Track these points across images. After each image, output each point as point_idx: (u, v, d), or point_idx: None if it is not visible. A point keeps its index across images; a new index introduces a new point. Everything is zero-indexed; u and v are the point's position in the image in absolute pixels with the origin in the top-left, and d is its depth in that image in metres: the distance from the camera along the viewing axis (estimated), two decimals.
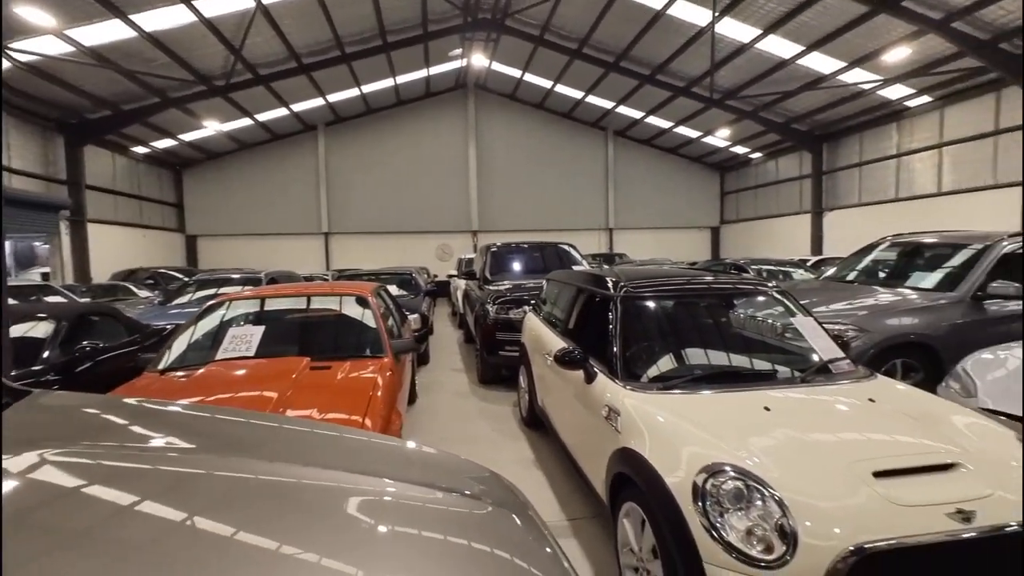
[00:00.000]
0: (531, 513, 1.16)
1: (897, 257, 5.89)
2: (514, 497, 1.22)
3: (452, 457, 1.48)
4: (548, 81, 18.76)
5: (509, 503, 1.14)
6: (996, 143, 12.14)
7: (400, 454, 1.49)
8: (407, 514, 0.99)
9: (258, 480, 1.06)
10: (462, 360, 7.75)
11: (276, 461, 1.17)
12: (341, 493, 1.01)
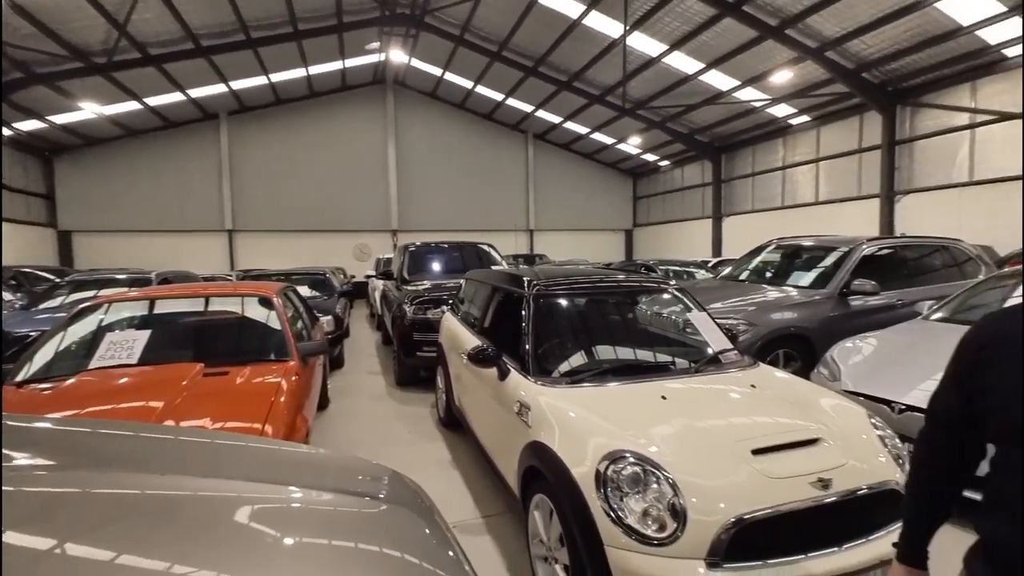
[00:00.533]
0: (430, 510, 1.16)
1: (781, 258, 6.55)
2: (413, 495, 1.21)
3: (352, 459, 1.43)
4: (469, 81, 18.77)
5: (408, 501, 1.13)
6: (860, 160, 13.91)
7: (298, 460, 1.43)
8: (294, 518, 0.95)
9: (145, 496, 0.98)
10: (379, 363, 7.54)
11: (167, 474, 1.10)
12: (231, 503, 0.97)
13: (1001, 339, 0.99)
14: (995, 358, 0.99)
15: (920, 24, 10.33)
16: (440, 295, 5.89)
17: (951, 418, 1.09)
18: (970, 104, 11.37)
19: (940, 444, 1.13)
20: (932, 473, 1.15)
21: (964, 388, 1.05)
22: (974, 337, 1.05)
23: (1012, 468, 0.94)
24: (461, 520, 2.99)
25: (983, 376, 1.00)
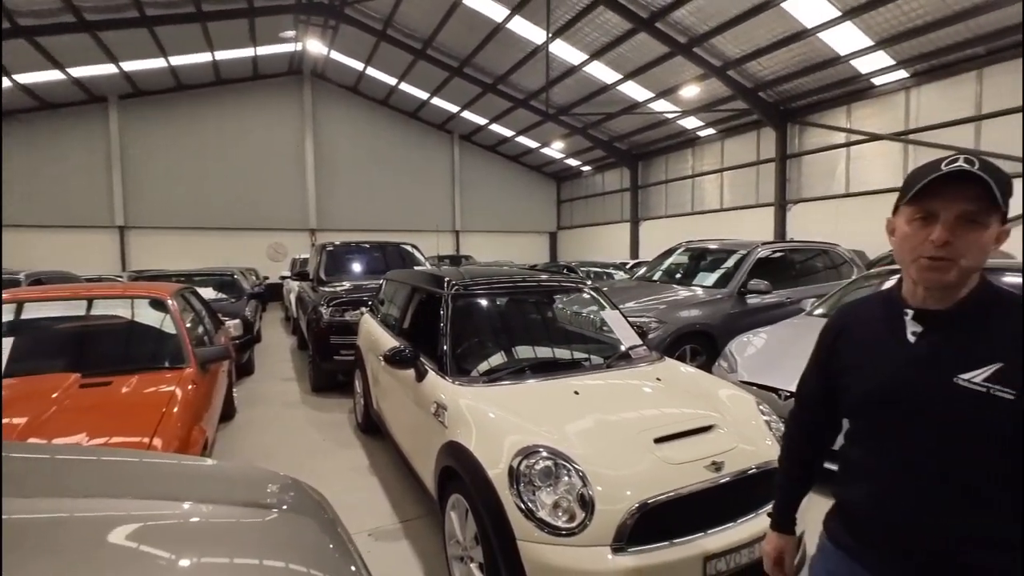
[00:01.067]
0: (331, 518, 1.12)
1: (689, 260, 7.02)
2: (312, 503, 1.16)
3: (246, 469, 1.35)
4: (392, 78, 18.34)
5: (305, 509, 1.08)
6: (758, 171, 15.24)
7: (187, 473, 1.31)
8: (176, 534, 0.88)
9: (15, 521, 0.86)
10: (294, 368, 7.14)
11: (35, 496, 0.98)
12: (112, 523, 0.88)
13: (851, 326, 1.12)
14: (846, 343, 1.11)
15: (806, 52, 11.51)
16: (360, 296, 5.69)
17: (814, 398, 1.21)
18: (846, 125, 12.85)
19: (805, 422, 1.25)
20: (798, 448, 1.27)
21: (824, 371, 1.16)
22: (831, 326, 1.18)
23: (858, 438, 1.07)
24: (378, 526, 2.91)
25: (838, 359, 1.12)
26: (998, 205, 0.89)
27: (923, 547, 0.95)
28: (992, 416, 0.88)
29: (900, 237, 0.98)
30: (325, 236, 18.02)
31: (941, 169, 0.89)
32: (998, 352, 0.90)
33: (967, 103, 10.70)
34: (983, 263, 0.93)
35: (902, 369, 0.98)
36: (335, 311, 5.55)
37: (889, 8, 9.67)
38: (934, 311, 0.97)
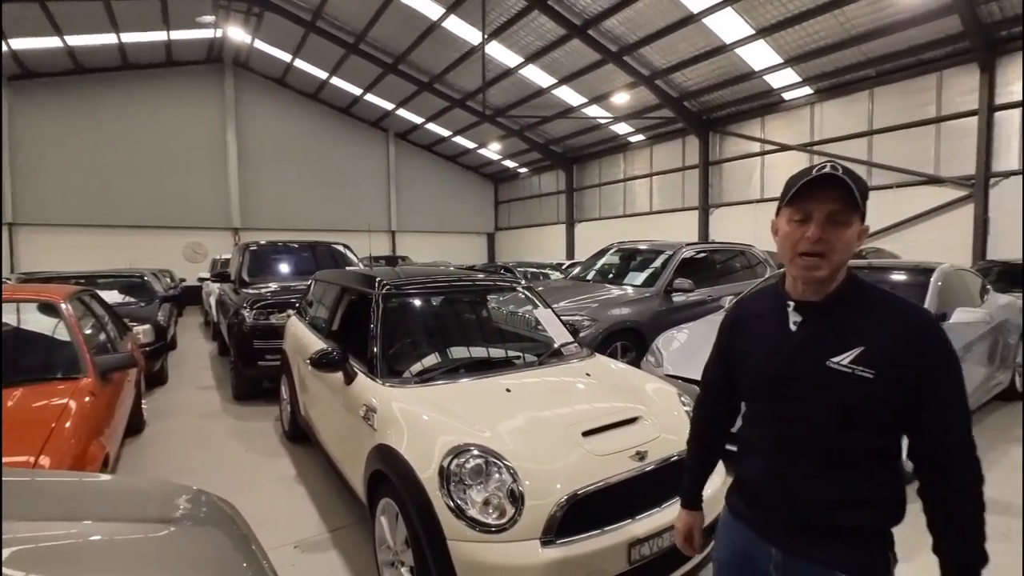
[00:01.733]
0: (239, 528, 1.05)
1: (620, 260, 7.28)
2: (220, 514, 1.09)
3: (151, 482, 1.25)
4: (323, 72, 17.65)
5: (212, 521, 1.01)
6: (683, 176, 16.09)
7: (85, 489, 1.19)
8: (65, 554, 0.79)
9: None
10: (214, 376, 6.69)
11: None
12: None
13: (745, 318, 1.24)
14: (741, 333, 1.23)
15: (725, 66, 12.31)
16: (287, 299, 5.42)
17: (716, 385, 1.32)
18: (760, 135, 13.86)
19: (709, 407, 1.36)
20: (703, 431, 1.38)
21: (723, 360, 1.28)
22: (728, 318, 1.30)
23: (752, 419, 1.20)
24: (305, 538, 2.78)
25: (734, 348, 1.24)
26: (858, 206, 1.02)
27: (801, 509, 1.07)
28: (856, 393, 1.00)
29: (782, 236, 1.09)
30: (250, 236, 16.99)
31: (813, 174, 1.02)
32: (861, 337, 1.02)
33: (861, 119, 11.88)
34: (849, 257, 1.05)
35: (786, 354, 1.09)
36: (259, 314, 5.25)
37: (796, 29, 10.54)
38: (811, 302, 1.08)
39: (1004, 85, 9.81)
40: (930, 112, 10.78)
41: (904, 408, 1.00)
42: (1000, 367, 4.61)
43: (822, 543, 1.05)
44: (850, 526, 1.04)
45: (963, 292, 4.49)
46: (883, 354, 1.00)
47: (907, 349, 0.99)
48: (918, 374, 0.99)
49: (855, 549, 1.04)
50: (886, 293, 1.09)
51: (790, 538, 1.09)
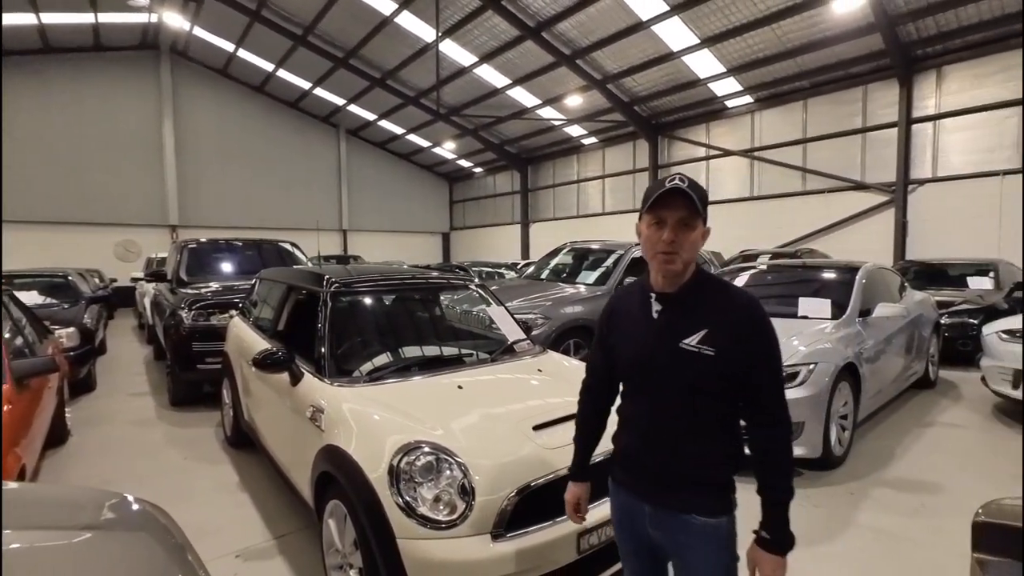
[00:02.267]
0: (175, 538, 1.00)
1: (573, 260, 7.40)
2: (150, 519, 1.03)
3: (76, 490, 1.17)
4: (269, 64, 16.95)
5: (141, 526, 0.96)
6: (634, 179, 16.55)
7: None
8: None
9: None
10: (149, 382, 6.30)
11: None
12: None
13: (619, 308, 1.42)
14: (616, 322, 1.40)
15: (672, 73, 12.76)
16: (230, 299, 5.18)
17: (598, 368, 1.49)
18: (706, 141, 14.46)
19: (593, 388, 1.53)
20: (589, 410, 1.55)
21: (603, 346, 1.44)
22: (606, 309, 1.47)
23: (626, 396, 1.39)
24: (249, 545, 2.67)
25: (611, 335, 1.41)
26: (699, 213, 1.21)
27: (667, 467, 1.28)
28: (702, 369, 1.21)
29: (644, 238, 1.27)
30: (190, 234, 16.11)
31: (665, 186, 1.20)
32: (706, 321, 1.23)
33: (796, 127, 12.61)
34: (696, 254, 1.26)
35: (649, 339, 1.29)
36: (198, 315, 4.99)
37: (737, 40, 11.07)
38: (668, 293, 1.28)
39: (920, 100, 10.68)
40: (857, 123, 11.59)
41: (739, 379, 1.21)
42: (916, 358, 5.02)
43: (681, 494, 1.26)
44: (704, 477, 1.26)
45: (884, 289, 4.86)
46: (722, 334, 1.20)
47: (740, 330, 1.21)
48: (748, 350, 1.21)
49: (707, 496, 1.26)
50: (725, 283, 1.32)
51: (659, 494, 1.29)
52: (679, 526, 1.27)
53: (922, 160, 10.72)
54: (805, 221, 12.41)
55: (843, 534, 2.71)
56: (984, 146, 9.98)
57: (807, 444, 3.34)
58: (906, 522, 2.81)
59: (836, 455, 3.54)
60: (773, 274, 5.35)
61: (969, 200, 10.10)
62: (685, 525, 1.26)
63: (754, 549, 1.24)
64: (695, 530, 1.25)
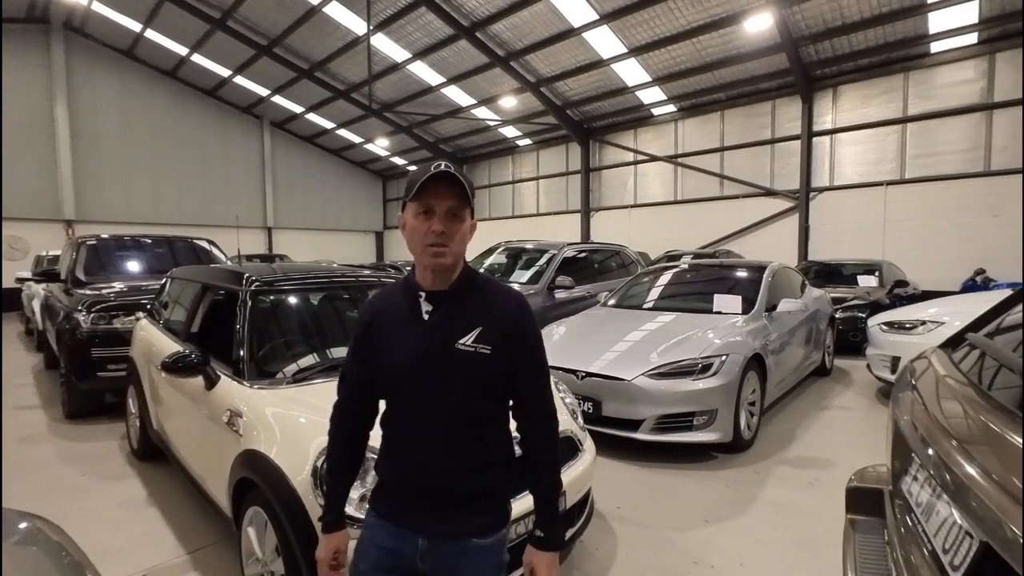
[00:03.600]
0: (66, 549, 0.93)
1: (507, 259, 7.50)
2: (41, 536, 0.95)
3: None
4: (182, 47, 15.74)
5: (31, 542, 0.88)
6: (567, 181, 16.99)
7: None
8: None
9: None
10: (39, 394, 5.67)
11: None
12: None
13: (380, 316, 1.24)
14: (377, 330, 1.23)
15: (602, 79, 13.23)
16: (136, 299, 4.78)
17: (356, 387, 1.29)
18: (634, 146, 15.12)
19: (348, 409, 1.32)
20: (345, 437, 1.32)
21: (362, 359, 1.26)
22: (363, 319, 1.28)
23: (395, 413, 1.22)
24: (160, 563, 2.49)
25: (372, 345, 1.23)
26: (469, 202, 1.14)
27: (445, 484, 1.16)
28: (479, 369, 1.14)
29: (410, 230, 1.15)
30: (89, 229, 14.59)
31: (432, 171, 1.10)
32: (480, 319, 1.16)
33: (715, 136, 13.51)
34: (465, 248, 1.19)
35: (421, 341, 1.16)
36: (99, 317, 4.56)
37: (662, 52, 11.68)
38: (439, 291, 1.18)
39: (819, 115, 11.80)
40: (766, 134, 12.60)
41: (510, 377, 1.18)
42: (814, 348, 5.55)
43: (460, 517, 1.16)
44: (483, 490, 1.18)
45: (788, 286, 5.33)
46: (496, 332, 1.15)
47: (511, 327, 1.17)
48: (519, 347, 1.18)
49: (486, 512, 1.18)
50: (491, 281, 1.26)
51: (435, 522, 1.16)
52: (457, 553, 1.16)
53: (821, 170, 11.85)
54: (723, 224, 13.32)
55: (748, 509, 2.97)
56: (871, 159, 11.19)
57: (719, 430, 3.61)
58: (801, 494, 3.12)
59: (745, 439, 3.85)
60: (692, 272, 5.71)
61: (859, 207, 11.29)
62: (463, 551, 1.16)
63: (530, 552, 1.20)
64: (474, 553, 1.16)
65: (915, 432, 1.12)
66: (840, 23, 9.90)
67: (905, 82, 10.59)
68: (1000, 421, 0.90)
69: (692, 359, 3.70)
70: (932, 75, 10.31)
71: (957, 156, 10.12)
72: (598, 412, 3.74)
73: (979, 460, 0.85)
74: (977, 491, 0.79)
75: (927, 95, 10.39)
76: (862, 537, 1.41)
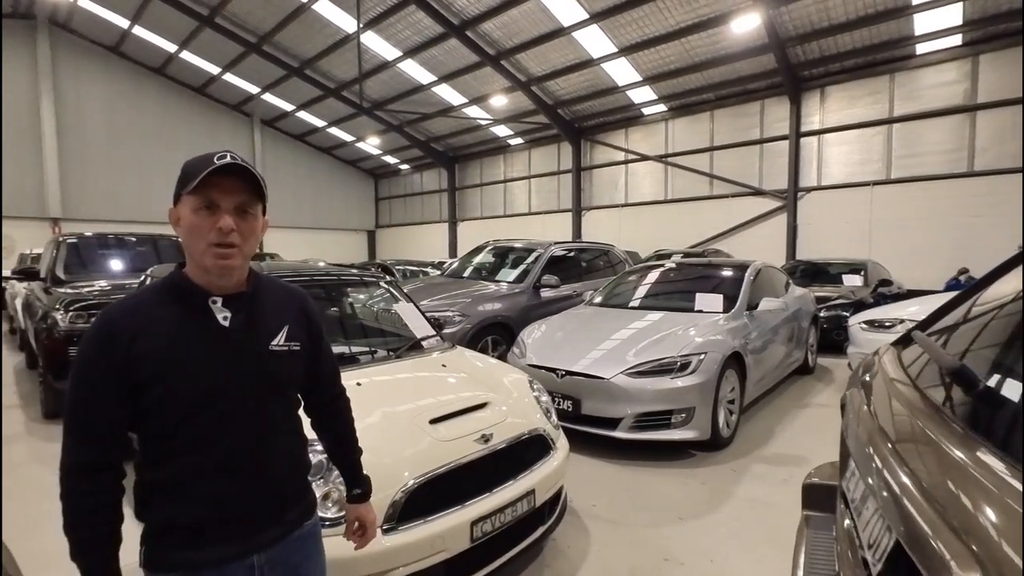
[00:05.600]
0: None
1: (495, 258, 7.49)
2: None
3: None
4: (170, 44, 15.63)
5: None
6: (559, 180, 17.01)
7: None
8: None
9: None
10: (18, 393, 5.61)
11: None
12: None
13: (148, 334, 1.00)
14: (149, 351, 0.98)
15: (592, 79, 13.25)
16: (117, 298, 4.74)
17: (110, 430, 0.99)
18: (624, 145, 15.16)
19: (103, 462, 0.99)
20: (111, 494, 0.99)
21: (126, 393, 0.97)
22: (107, 342, 0.98)
23: (184, 445, 1.01)
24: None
25: (147, 371, 0.98)
26: (261, 197, 1.06)
27: (277, 490, 1.12)
28: (293, 367, 1.15)
29: (189, 227, 1.00)
30: (75, 227, 14.46)
31: (216, 163, 0.99)
32: (284, 318, 1.15)
33: (704, 136, 13.57)
34: (255, 247, 1.09)
35: (225, 351, 1.03)
36: (78, 316, 4.52)
37: (651, 52, 11.71)
38: (237, 294, 1.07)
39: (807, 116, 11.88)
40: (755, 134, 12.67)
41: (315, 365, 1.24)
42: (796, 347, 5.59)
43: (289, 515, 1.14)
44: (301, 483, 1.21)
45: (769, 285, 5.37)
46: (299, 328, 1.17)
47: (306, 321, 1.21)
48: (315, 337, 1.22)
49: (304, 499, 1.21)
50: (275, 279, 1.22)
51: (270, 531, 1.09)
52: (293, 548, 1.15)
53: (809, 170, 11.93)
54: (712, 223, 13.39)
55: (723, 506, 2.99)
56: (857, 159, 11.29)
57: (697, 428, 3.63)
58: (775, 491, 3.14)
59: (724, 437, 3.87)
60: (676, 271, 5.73)
61: (846, 206, 11.38)
62: (299, 540, 1.16)
63: (353, 509, 1.38)
64: (306, 537, 1.19)
65: (854, 428, 1.13)
66: (827, 24, 9.97)
67: (891, 83, 10.69)
68: (929, 421, 0.92)
69: (671, 357, 3.72)
70: (917, 76, 10.41)
71: (941, 157, 10.23)
72: (577, 411, 3.75)
73: (904, 460, 0.86)
74: (894, 488, 0.80)
75: (912, 96, 10.49)
76: (813, 533, 1.43)
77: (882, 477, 0.87)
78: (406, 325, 3.32)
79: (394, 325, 3.51)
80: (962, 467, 0.73)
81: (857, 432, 1.10)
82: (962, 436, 0.79)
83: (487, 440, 2.16)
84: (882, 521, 0.82)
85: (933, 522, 0.67)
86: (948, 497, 0.69)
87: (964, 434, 0.79)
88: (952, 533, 0.62)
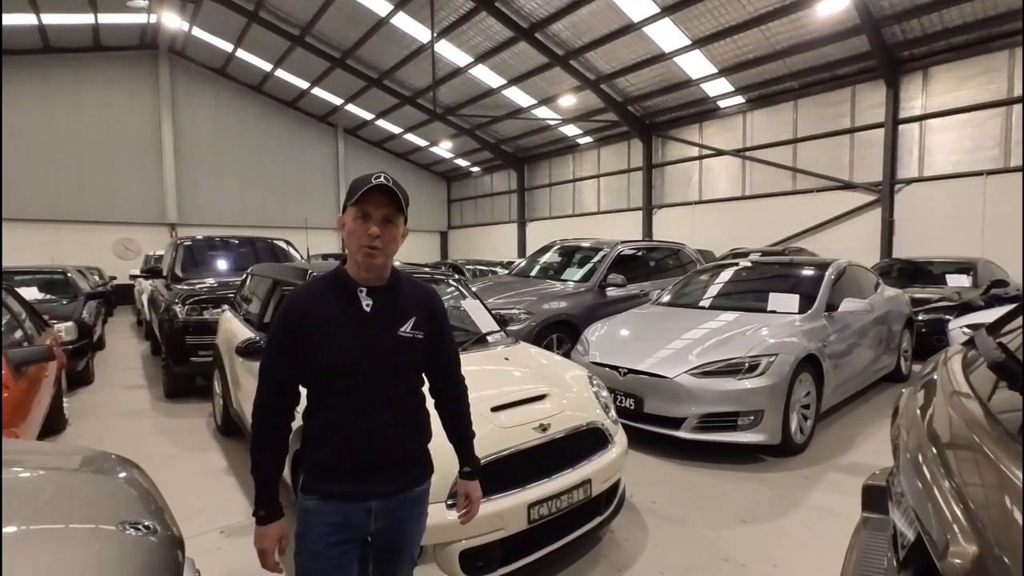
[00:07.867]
0: (138, 479, 1.17)
1: (561, 257, 7.57)
2: (124, 467, 1.21)
3: (69, 447, 1.34)
4: (267, 63, 17.13)
5: (113, 471, 1.13)
6: (629, 178, 16.70)
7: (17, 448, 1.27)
8: None
9: None
10: (145, 376, 6.48)
11: None
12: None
13: (315, 311, 1.30)
14: (313, 324, 1.28)
15: (664, 73, 12.91)
16: (223, 294, 5.37)
17: (283, 382, 1.33)
18: (698, 140, 14.61)
19: (278, 407, 1.34)
20: (277, 432, 1.35)
21: (295, 354, 1.30)
22: (293, 312, 1.31)
23: (328, 403, 1.31)
24: (232, 523, 2.85)
25: (310, 339, 1.28)
26: (402, 211, 1.33)
27: (396, 449, 1.36)
28: (416, 351, 1.38)
29: (349, 231, 1.31)
30: (188, 232, 16.26)
31: (372, 182, 1.28)
32: (412, 310, 1.39)
33: (787, 128, 12.76)
34: (396, 250, 1.36)
35: (364, 331, 1.32)
36: (192, 309, 5.17)
37: (727, 42, 11.21)
38: (378, 287, 1.36)
39: (907, 101, 10.82)
40: (845, 123, 11.74)
41: (436, 353, 1.45)
42: (885, 352, 5.18)
43: (407, 474, 1.40)
44: (420, 449, 1.44)
45: (854, 285, 5.02)
46: (424, 320, 1.39)
47: (432, 315, 1.43)
48: (439, 330, 1.44)
49: (421, 464, 1.45)
50: (412, 277, 1.48)
51: (388, 483, 1.35)
52: (404, 504, 1.38)
53: (908, 160, 10.87)
54: (795, 220, 12.57)
55: (791, 512, 2.89)
56: (967, 146, 10.13)
57: (766, 431, 3.51)
58: (849, 501, 2.97)
59: (797, 443, 3.71)
60: (750, 271, 5.51)
61: (954, 200, 10.26)
62: (408, 501, 1.39)
63: (463, 484, 1.57)
64: (415, 499, 1.41)
65: (905, 425, 1.12)
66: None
67: (1010, 60, 9.49)
68: (976, 423, 0.91)
69: (739, 358, 3.62)
70: None
71: None
72: (640, 409, 3.76)
73: (943, 459, 0.87)
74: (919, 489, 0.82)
75: None
76: (869, 534, 1.41)
77: (919, 472, 0.88)
78: (473, 321, 3.50)
79: (462, 321, 3.71)
80: (1003, 473, 0.73)
81: (906, 430, 1.09)
82: (1005, 438, 0.79)
83: (545, 429, 2.27)
84: (909, 515, 0.84)
85: (944, 516, 0.69)
86: (977, 497, 0.71)
87: (1009, 437, 0.79)
88: (968, 531, 0.65)
